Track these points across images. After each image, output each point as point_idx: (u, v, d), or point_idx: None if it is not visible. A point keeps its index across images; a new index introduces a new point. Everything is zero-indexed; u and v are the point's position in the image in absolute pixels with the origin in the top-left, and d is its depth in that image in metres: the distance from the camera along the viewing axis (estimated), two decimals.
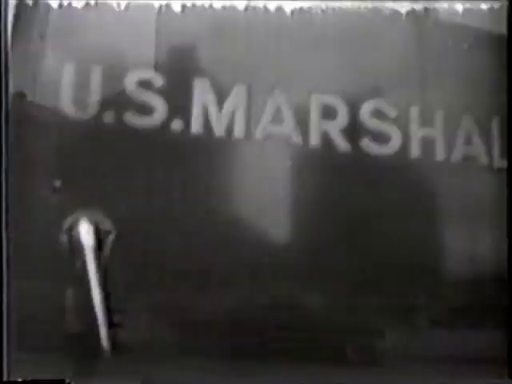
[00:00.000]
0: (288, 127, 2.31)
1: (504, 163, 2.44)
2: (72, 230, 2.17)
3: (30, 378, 2.64)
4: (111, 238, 2.18)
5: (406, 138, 2.36)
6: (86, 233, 2.14)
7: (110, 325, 2.20)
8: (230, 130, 2.28)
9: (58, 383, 2.77)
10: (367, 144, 2.34)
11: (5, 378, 2.87)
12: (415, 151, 2.37)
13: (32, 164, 2.21)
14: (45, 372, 2.41)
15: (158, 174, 2.24)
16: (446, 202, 2.38)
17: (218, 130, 2.28)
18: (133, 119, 2.23)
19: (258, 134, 2.30)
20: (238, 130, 2.28)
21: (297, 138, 2.30)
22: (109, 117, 2.22)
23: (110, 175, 2.21)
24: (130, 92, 2.23)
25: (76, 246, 2.16)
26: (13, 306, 2.28)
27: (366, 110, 2.35)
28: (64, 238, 2.18)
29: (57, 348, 2.30)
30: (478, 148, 2.45)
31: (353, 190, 2.30)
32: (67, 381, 2.64)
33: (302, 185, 2.33)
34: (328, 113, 2.33)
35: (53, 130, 2.21)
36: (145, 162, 2.23)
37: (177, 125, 2.25)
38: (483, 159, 2.45)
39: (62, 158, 2.21)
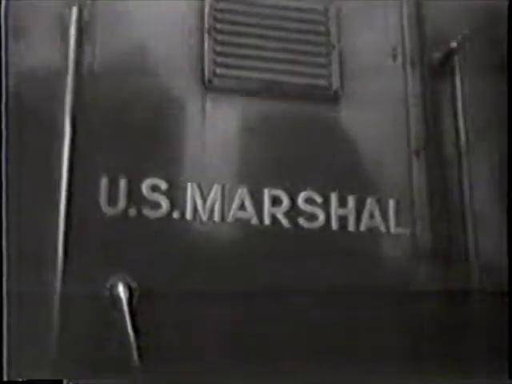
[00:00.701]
0: (249, 213, 3.44)
1: (398, 230, 3.58)
2: (112, 288, 3.20)
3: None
4: (137, 294, 3.23)
5: (328, 216, 3.51)
6: (122, 290, 3.18)
7: (139, 354, 3.19)
8: (211, 216, 3.41)
9: (56, 383, 3.11)
10: (302, 221, 3.48)
11: (5, 378, 3.07)
12: (335, 225, 3.51)
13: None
14: None
15: (166, 248, 3.32)
16: (357, 260, 3.50)
17: (204, 217, 3.40)
18: (148, 213, 3.34)
19: (230, 218, 3.43)
20: (217, 216, 3.41)
21: (255, 220, 3.43)
22: (132, 212, 3.33)
23: (135, 251, 3.28)
24: (146, 194, 3.35)
25: (115, 299, 3.20)
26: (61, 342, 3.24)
27: (302, 198, 3.50)
28: (107, 293, 3.20)
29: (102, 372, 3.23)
30: (378, 220, 3.59)
31: (293, 253, 3.42)
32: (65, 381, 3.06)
33: (259, 253, 3.42)
34: (275, 201, 3.48)
35: (93, 224, 3.30)
36: (157, 240, 3.33)
37: (176, 215, 3.37)
38: (382, 228, 3.57)
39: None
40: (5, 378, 3.02)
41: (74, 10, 3.31)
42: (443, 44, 3.73)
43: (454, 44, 3.67)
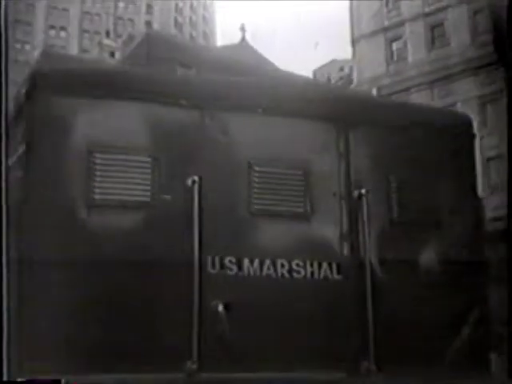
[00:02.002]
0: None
1: (339, 277, 5.56)
2: None
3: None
4: None
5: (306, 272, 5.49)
6: None
7: None
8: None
9: (54, 383, 3.17)
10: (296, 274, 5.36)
11: (5, 378, 3.13)
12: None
13: None
14: None
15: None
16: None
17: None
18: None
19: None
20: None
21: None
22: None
23: None
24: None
25: None
26: None
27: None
28: None
29: None
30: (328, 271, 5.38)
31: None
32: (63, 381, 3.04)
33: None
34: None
35: None
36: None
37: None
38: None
39: None
40: (5, 378, 3.01)
41: None
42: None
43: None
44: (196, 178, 4.74)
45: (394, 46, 41.27)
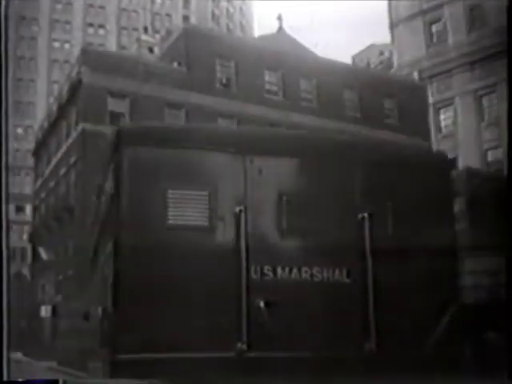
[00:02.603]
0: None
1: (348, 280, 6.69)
2: None
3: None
4: None
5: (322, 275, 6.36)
6: None
7: None
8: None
9: (51, 383, 3.77)
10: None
11: (5, 378, 3.24)
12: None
13: None
14: None
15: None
16: None
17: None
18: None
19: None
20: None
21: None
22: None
23: None
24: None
25: None
26: None
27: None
28: None
29: None
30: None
31: None
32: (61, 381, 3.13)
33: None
34: None
35: None
36: None
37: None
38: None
39: None
40: (5, 378, 3.12)
41: None
42: None
43: None
44: (242, 207, 5.96)
45: (434, 28, 40.95)
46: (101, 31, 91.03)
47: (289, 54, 38.43)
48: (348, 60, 60.75)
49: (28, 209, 72.74)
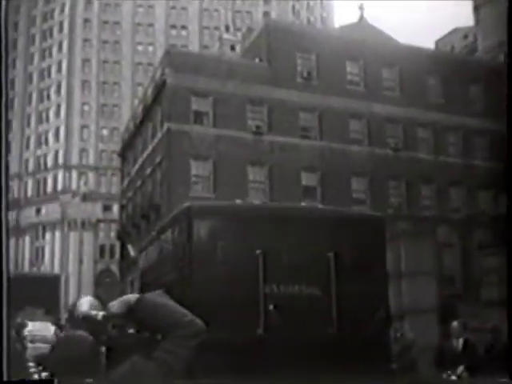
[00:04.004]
0: None
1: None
2: None
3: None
4: None
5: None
6: None
7: None
8: None
9: (47, 383, 3.32)
10: None
11: (5, 378, 3.33)
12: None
13: None
14: None
15: None
16: None
17: None
18: None
19: None
20: None
21: None
22: None
23: None
24: None
25: None
26: None
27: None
28: None
29: None
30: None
31: None
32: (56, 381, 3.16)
33: None
34: None
35: None
36: None
37: None
38: None
39: None
40: (5, 378, 3.27)
41: None
42: None
43: None
44: (260, 251, 9.67)
45: None
46: (183, 32, 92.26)
47: (370, 43, 38.02)
48: (431, 45, 59.62)
49: (115, 207, 74.56)
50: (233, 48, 77.97)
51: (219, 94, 34.36)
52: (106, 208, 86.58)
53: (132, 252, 39.08)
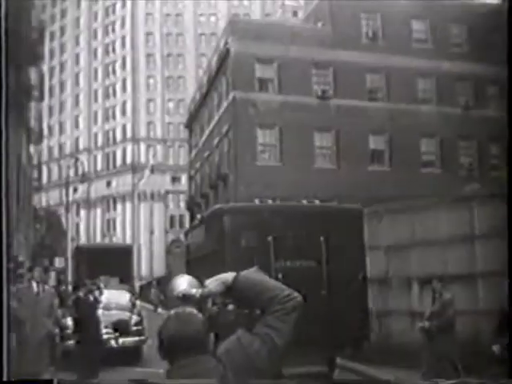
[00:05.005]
0: None
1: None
2: None
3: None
4: None
5: None
6: None
7: None
8: None
9: (47, 383, 4.29)
10: None
11: (5, 378, 3.29)
12: None
13: None
14: None
15: None
16: None
17: None
18: None
19: None
20: None
21: None
22: None
23: None
24: None
25: None
26: None
27: None
28: None
29: None
30: None
31: None
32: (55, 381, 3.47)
33: None
34: None
35: None
36: None
37: None
38: None
39: None
40: (4, 378, 3.25)
41: None
42: None
43: None
44: (271, 237, 13.07)
45: None
46: (245, 2, 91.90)
47: (436, 0, 37.13)
48: (498, 0, 57.82)
49: (183, 179, 75.36)
50: (295, 14, 77.31)
51: (283, 59, 34.10)
52: (175, 179, 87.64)
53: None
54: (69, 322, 15.62)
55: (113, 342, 16.48)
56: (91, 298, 14.74)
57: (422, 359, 11.09)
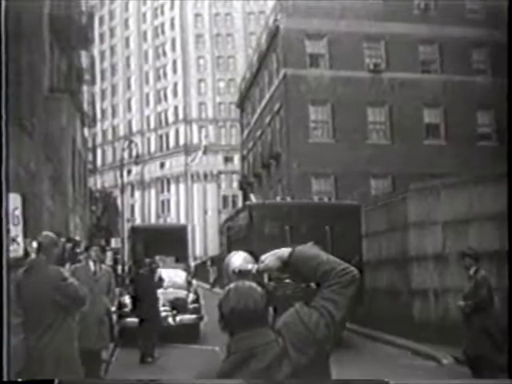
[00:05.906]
0: None
1: None
2: None
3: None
4: None
5: None
6: None
7: None
8: None
9: (47, 383, 3.34)
10: None
11: (5, 378, 3.25)
12: None
13: None
14: None
15: None
16: None
17: None
18: None
19: None
20: None
21: None
22: None
23: None
24: None
25: None
26: None
27: None
28: None
29: None
30: None
31: None
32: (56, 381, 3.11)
33: None
34: None
35: None
36: None
37: None
38: None
39: None
40: (4, 378, 3.23)
41: None
42: None
43: None
44: (288, 227, 16.82)
45: None
46: None
47: None
48: None
49: (236, 158, 75.43)
50: None
51: (333, 34, 33.72)
52: (227, 159, 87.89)
53: (255, 201, 39.67)
54: (127, 300, 15.80)
55: (170, 320, 16.62)
56: (151, 275, 14.87)
57: (462, 337, 10.80)
